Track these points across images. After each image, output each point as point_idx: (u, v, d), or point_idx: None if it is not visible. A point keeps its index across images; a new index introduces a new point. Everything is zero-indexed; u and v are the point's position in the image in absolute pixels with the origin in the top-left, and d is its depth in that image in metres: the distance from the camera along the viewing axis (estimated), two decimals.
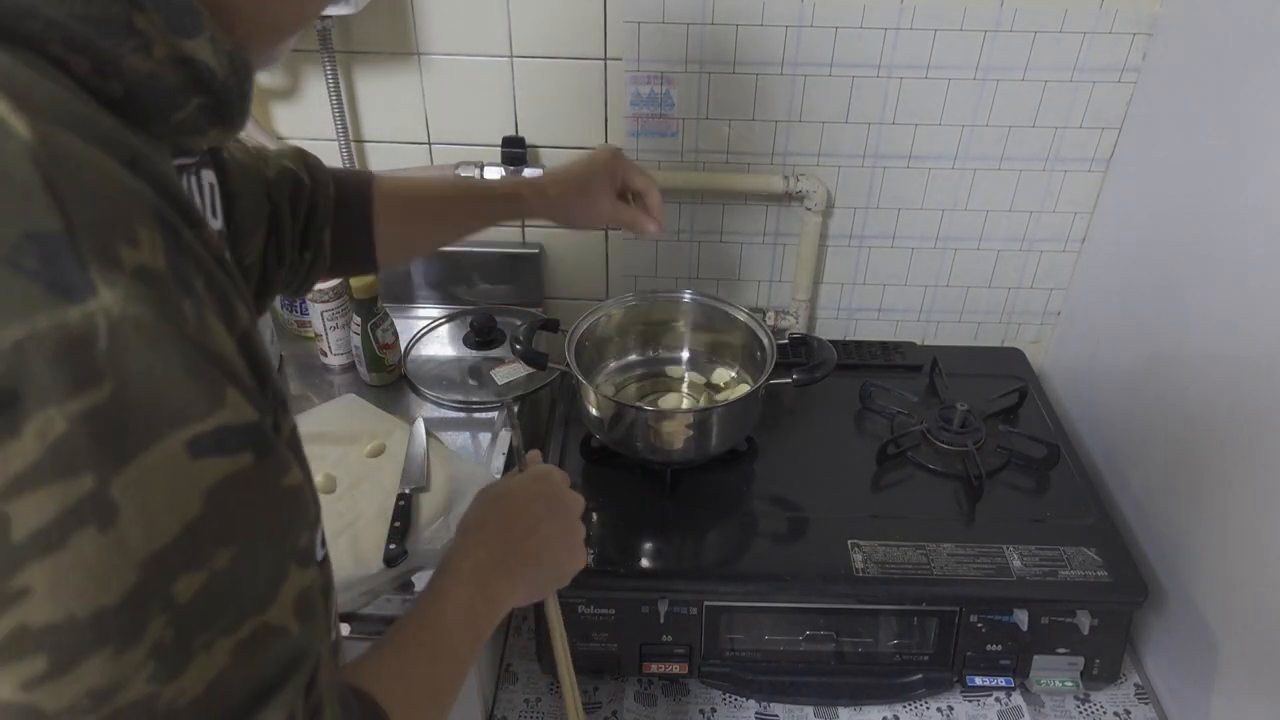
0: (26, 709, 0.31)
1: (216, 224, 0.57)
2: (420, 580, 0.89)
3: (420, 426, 1.02)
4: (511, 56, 1.13)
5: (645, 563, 0.96)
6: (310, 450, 0.45)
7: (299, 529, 0.40)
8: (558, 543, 0.73)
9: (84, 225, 0.31)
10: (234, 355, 0.37)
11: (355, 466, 1.00)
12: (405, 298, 1.29)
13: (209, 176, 0.55)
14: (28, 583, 0.30)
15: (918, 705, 0.98)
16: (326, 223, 0.79)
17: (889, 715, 0.98)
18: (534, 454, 0.83)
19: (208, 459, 0.34)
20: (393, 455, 1.01)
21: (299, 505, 0.40)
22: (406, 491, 0.96)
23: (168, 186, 0.36)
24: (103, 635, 0.32)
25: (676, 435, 0.99)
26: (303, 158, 0.78)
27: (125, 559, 0.32)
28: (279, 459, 0.38)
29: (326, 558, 0.46)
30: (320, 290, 1.10)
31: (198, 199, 0.52)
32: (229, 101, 0.42)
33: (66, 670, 0.31)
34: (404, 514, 0.93)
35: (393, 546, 0.90)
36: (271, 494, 0.37)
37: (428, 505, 0.96)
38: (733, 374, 1.14)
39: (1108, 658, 0.96)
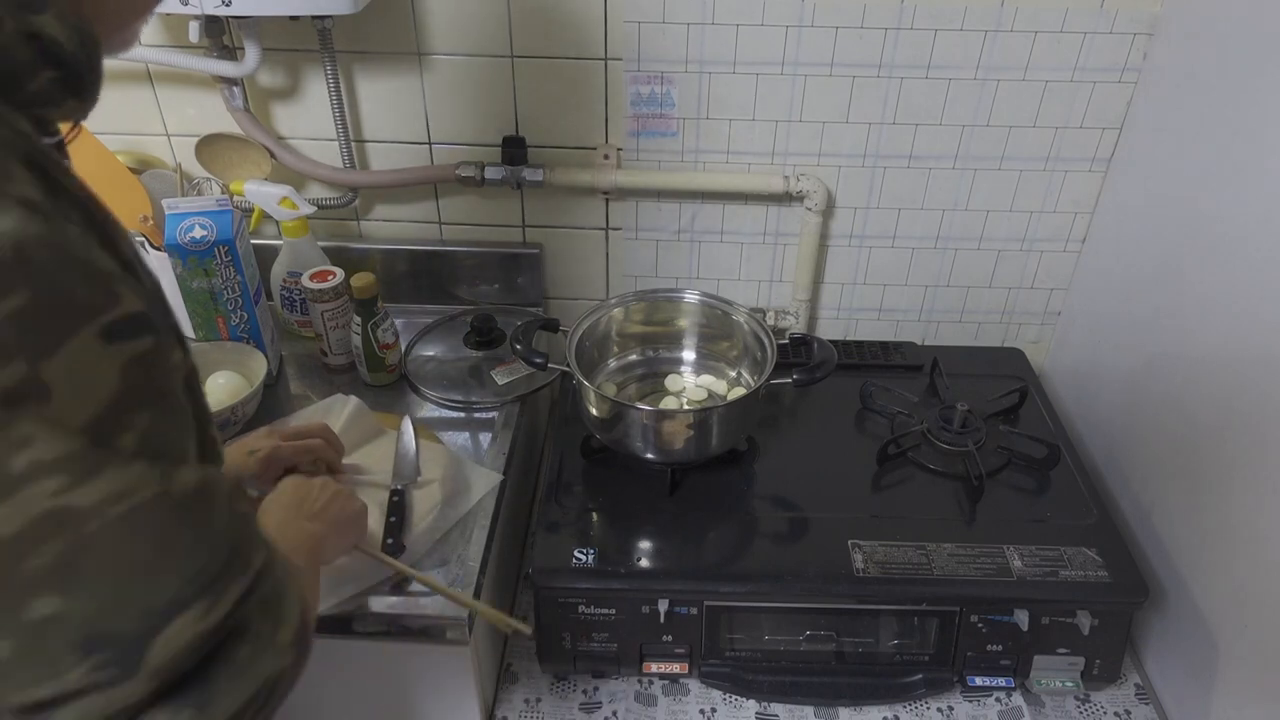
0: (63, 510, 0.39)
1: None
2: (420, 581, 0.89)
3: (408, 424, 1.02)
4: (512, 56, 1.13)
5: (645, 563, 0.95)
6: None
7: (178, 398, 0.47)
8: (338, 501, 0.81)
9: None
10: (118, 269, 0.43)
11: (346, 466, 1.00)
12: (405, 298, 1.29)
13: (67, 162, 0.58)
14: (29, 431, 0.37)
15: (918, 705, 0.98)
16: None
17: (889, 715, 0.98)
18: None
19: (119, 343, 0.41)
20: (384, 453, 1.01)
21: (188, 375, 0.48)
22: (399, 488, 0.96)
23: (31, 139, 0.42)
24: (98, 462, 0.40)
25: (676, 435, 0.99)
26: None
27: (68, 425, 0.39)
28: (167, 341, 0.45)
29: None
30: (320, 290, 1.10)
31: None
32: (79, 74, 0.45)
33: (84, 481, 0.39)
34: (398, 509, 0.94)
35: (390, 541, 0.90)
36: (171, 367, 0.45)
37: (420, 500, 0.96)
38: (733, 374, 1.14)
39: (1108, 658, 0.96)
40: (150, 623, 0.42)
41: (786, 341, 1.15)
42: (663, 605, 0.94)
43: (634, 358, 1.16)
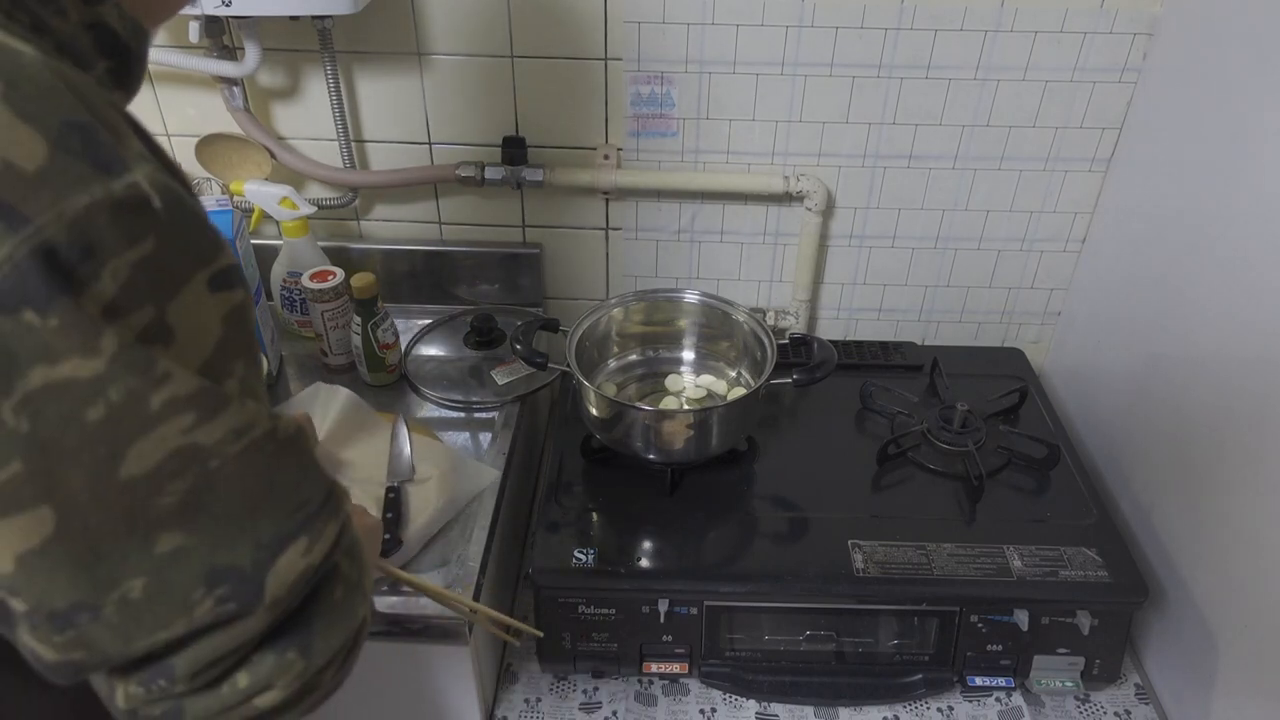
0: (191, 447, 0.40)
1: None
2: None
3: (401, 422, 1.02)
4: (512, 56, 1.13)
5: (645, 563, 0.96)
6: None
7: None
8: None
9: (100, 118, 0.38)
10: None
11: (339, 463, 1.00)
12: (405, 298, 1.29)
13: None
14: (166, 369, 0.39)
15: (918, 705, 0.98)
16: None
17: (889, 715, 0.98)
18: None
19: (220, 293, 0.42)
20: (378, 450, 1.01)
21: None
22: (395, 485, 0.96)
23: (119, 104, 0.42)
24: (221, 399, 0.41)
25: (676, 435, 0.99)
26: None
27: (189, 366, 0.40)
28: (250, 295, 0.46)
29: None
30: (320, 290, 1.10)
31: None
32: (129, 65, 0.47)
33: (210, 418, 0.41)
34: (394, 505, 0.94)
35: (388, 537, 0.90)
36: (252, 321, 0.46)
37: (417, 496, 0.96)
38: (733, 374, 1.14)
39: (1108, 658, 0.96)
40: (263, 554, 0.44)
41: (786, 341, 1.15)
42: (663, 605, 0.94)
43: (634, 358, 1.16)
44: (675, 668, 0.97)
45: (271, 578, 0.44)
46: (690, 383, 1.14)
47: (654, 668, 0.97)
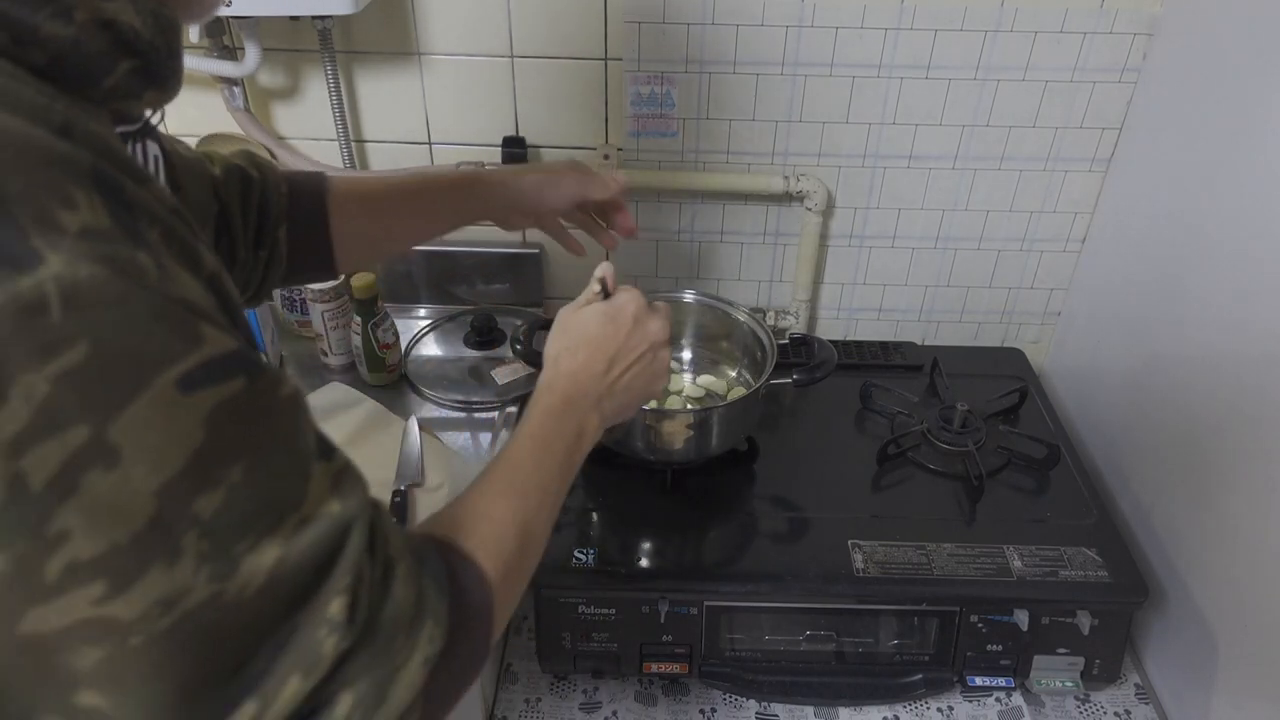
0: (104, 621, 0.34)
1: None
2: None
3: (414, 424, 1.02)
4: (512, 56, 1.13)
5: (645, 563, 0.96)
6: None
7: (307, 429, 0.42)
8: (638, 370, 0.72)
9: (15, 197, 0.32)
10: (202, 296, 0.38)
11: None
12: (405, 298, 1.29)
13: (153, 148, 0.53)
14: (64, 524, 0.33)
15: (918, 705, 0.98)
16: (281, 220, 0.76)
17: (889, 715, 0.98)
18: (605, 267, 0.77)
19: (200, 391, 0.36)
20: (387, 451, 1.01)
21: (302, 409, 0.42)
22: (402, 488, 0.96)
23: (107, 147, 0.37)
24: (146, 556, 0.35)
25: (676, 435, 0.99)
26: (251, 157, 0.75)
27: (138, 491, 0.34)
28: (271, 375, 0.39)
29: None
30: (320, 290, 1.10)
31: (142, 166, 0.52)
32: (159, 62, 0.42)
33: (128, 587, 0.34)
34: (400, 510, 0.93)
35: None
36: (271, 407, 0.39)
37: (424, 502, 0.96)
38: (733, 374, 1.14)
39: (1108, 658, 0.96)
40: None
41: (786, 341, 1.15)
42: (663, 605, 0.94)
43: None
44: (675, 668, 0.97)
45: None
46: (690, 383, 1.14)
47: (654, 668, 0.97)
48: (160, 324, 0.35)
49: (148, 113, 0.49)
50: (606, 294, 0.75)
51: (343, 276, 1.11)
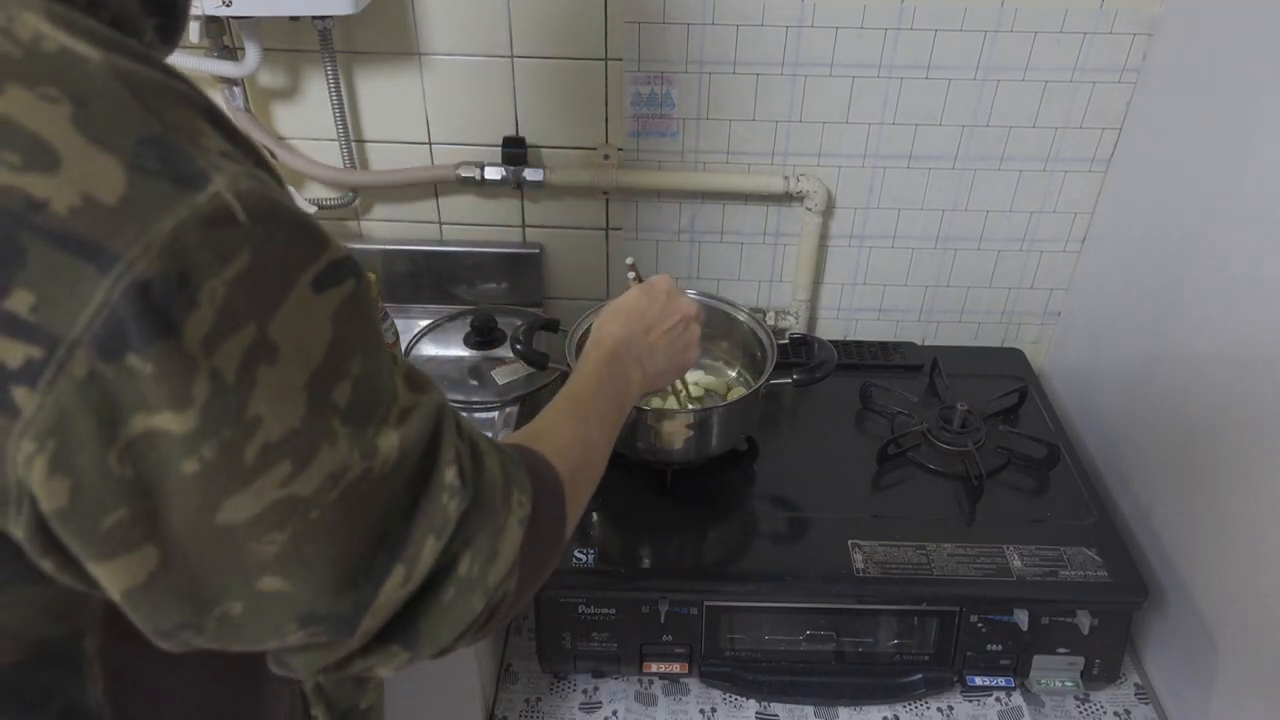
0: (289, 500, 0.39)
1: None
2: None
3: None
4: (512, 56, 1.13)
5: (645, 563, 0.96)
6: None
7: (382, 330, 0.47)
8: (673, 337, 0.83)
9: (172, 125, 0.36)
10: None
11: None
12: (405, 298, 1.29)
13: None
14: (256, 412, 0.37)
15: (918, 705, 0.98)
16: None
17: (889, 715, 0.98)
18: (629, 258, 0.92)
19: (327, 291, 0.40)
20: None
21: (377, 312, 0.47)
22: None
23: (194, 86, 0.40)
24: (314, 437, 0.39)
25: (676, 435, 0.99)
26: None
27: (295, 383, 0.38)
28: (366, 279, 0.44)
29: None
30: None
31: None
32: (175, 19, 0.45)
33: (306, 465, 0.39)
34: None
35: None
36: (370, 308, 0.43)
37: None
38: (733, 374, 1.14)
39: (1108, 658, 0.96)
40: (363, 598, 0.43)
41: (786, 341, 1.15)
42: (662, 605, 0.94)
43: None
44: (675, 668, 0.97)
45: (368, 617, 0.43)
46: (690, 382, 1.14)
47: (654, 668, 0.97)
48: (297, 231, 0.39)
49: None
50: (640, 279, 0.87)
51: None
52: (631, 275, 0.88)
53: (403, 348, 1.19)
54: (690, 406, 1.05)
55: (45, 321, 0.33)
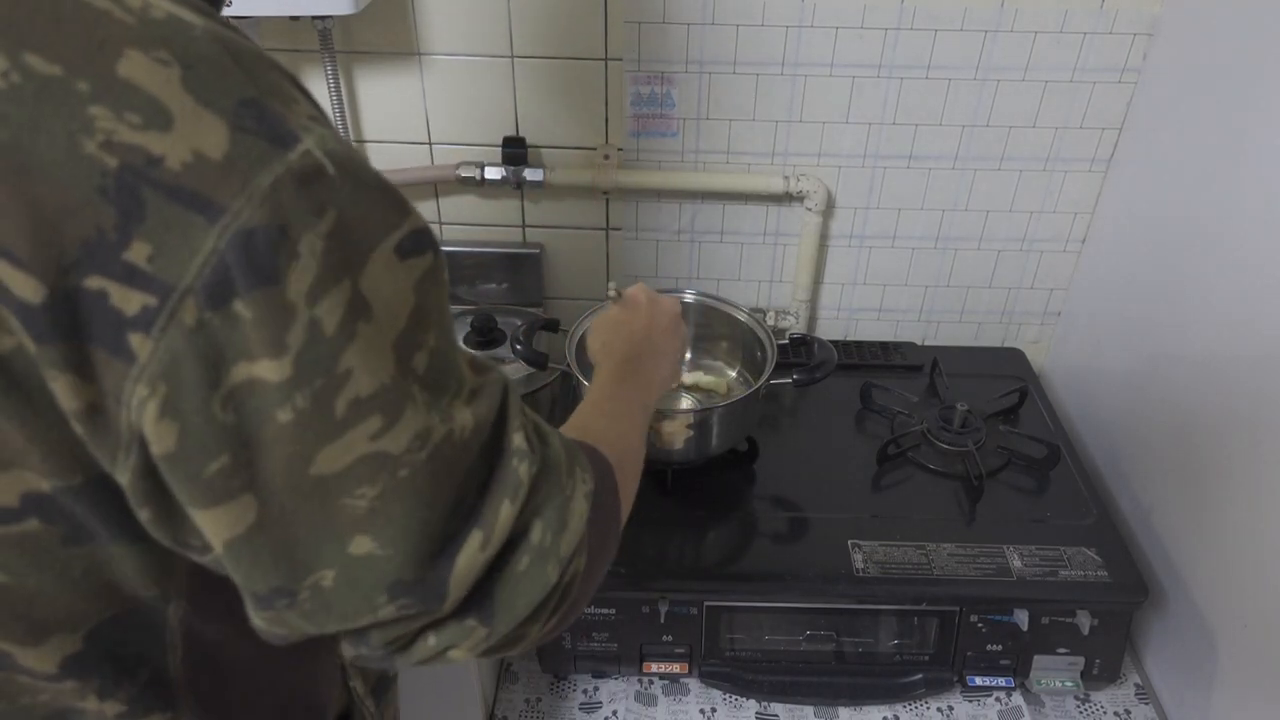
0: (379, 455, 0.40)
1: None
2: None
3: None
4: (512, 56, 1.13)
5: (645, 563, 0.95)
6: None
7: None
8: (669, 335, 0.86)
9: (265, 89, 0.38)
10: None
11: None
12: None
13: None
14: (349, 364, 0.38)
15: (918, 705, 0.98)
16: None
17: (889, 715, 0.98)
18: (611, 284, 0.94)
19: (410, 259, 0.41)
20: None
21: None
22: None
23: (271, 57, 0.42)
24: (400, 396, 0.40)
25: (676, 435, 0.99)
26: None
27: (384, 342, 0.40)
28: (443, 256, 0.44)
29: None
30: None
31: None
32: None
33: (395, 422, 0.40)
34: None
35: None
36: (445, 284, 0.44)
37: None
38: (733, 374, 1.14)
39: (1108, 658, 0.96)
40: (446, 562, 0.44)
41: (786, 341, 1.15)
42: (662, 605, 0.94)
43: None
44: (675, 668, 0.97)
45: (453, 583, 0.44)
46: (690, 383, 1.14)
47: (654, 668, 0.97)
48: (382, 195, 0.40)
49: None
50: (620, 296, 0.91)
51: None
52: (612, 294, 0.91)
53: None
54: (690, 407, 1.05)
55: (160, 271, 0.35)
